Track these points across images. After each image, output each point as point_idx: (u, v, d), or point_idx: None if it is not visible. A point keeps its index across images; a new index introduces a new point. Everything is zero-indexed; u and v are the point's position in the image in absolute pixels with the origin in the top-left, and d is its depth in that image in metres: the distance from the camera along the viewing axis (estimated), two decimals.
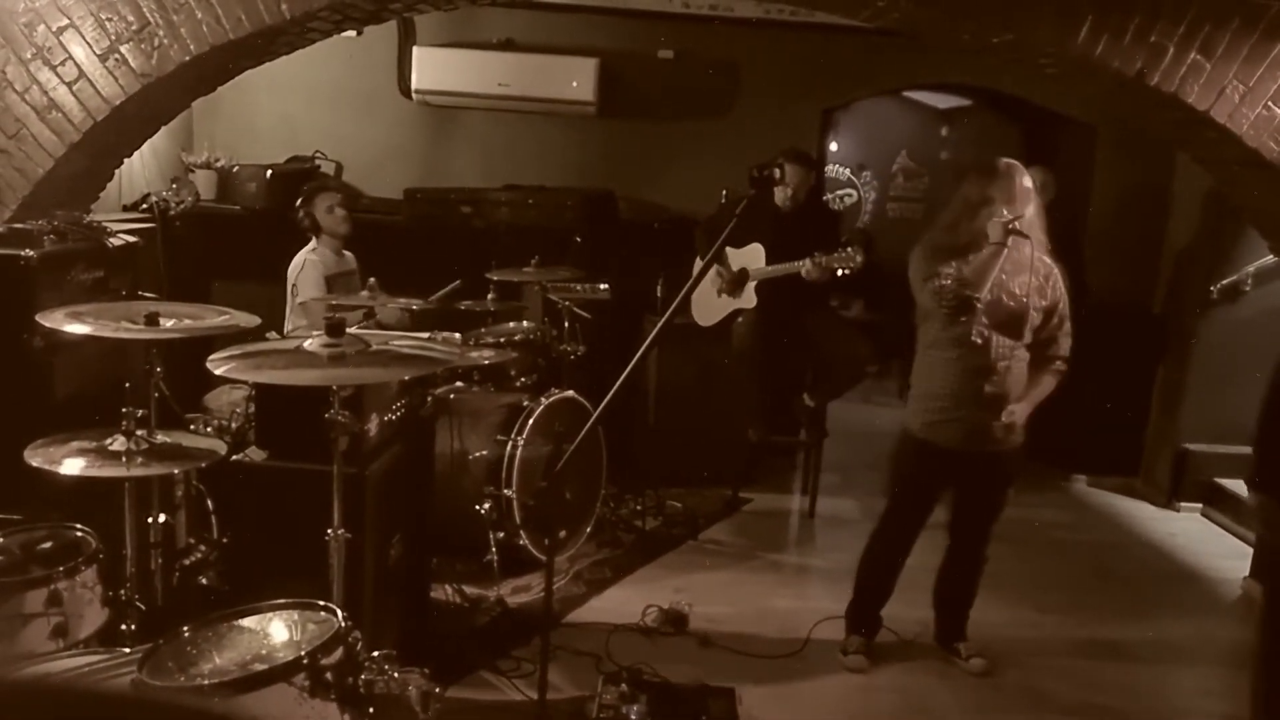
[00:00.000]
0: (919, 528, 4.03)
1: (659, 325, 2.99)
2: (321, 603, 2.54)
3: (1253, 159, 4.08)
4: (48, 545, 2.88)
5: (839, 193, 10.07)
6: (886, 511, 4.12)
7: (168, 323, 3.04)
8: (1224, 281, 5.99)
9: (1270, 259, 5.48)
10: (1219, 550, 5.57)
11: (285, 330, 4.78)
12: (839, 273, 5.06)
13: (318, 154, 6.63)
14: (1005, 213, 3.66)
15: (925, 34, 4.61)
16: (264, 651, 2.37)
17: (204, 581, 3.23)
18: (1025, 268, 3.74)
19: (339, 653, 2.33)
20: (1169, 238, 6.52)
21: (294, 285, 4.88)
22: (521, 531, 4.48)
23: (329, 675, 2.28)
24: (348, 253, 5.10)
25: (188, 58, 3.96)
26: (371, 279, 4.49)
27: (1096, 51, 3.94)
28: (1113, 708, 3.97)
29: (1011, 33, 4.02)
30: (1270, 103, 3.97)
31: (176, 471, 3.16)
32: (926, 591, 4.19)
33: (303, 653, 2.28)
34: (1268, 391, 3.29)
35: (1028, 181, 3.76)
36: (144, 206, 5.67)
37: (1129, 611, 4.72)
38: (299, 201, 4.99)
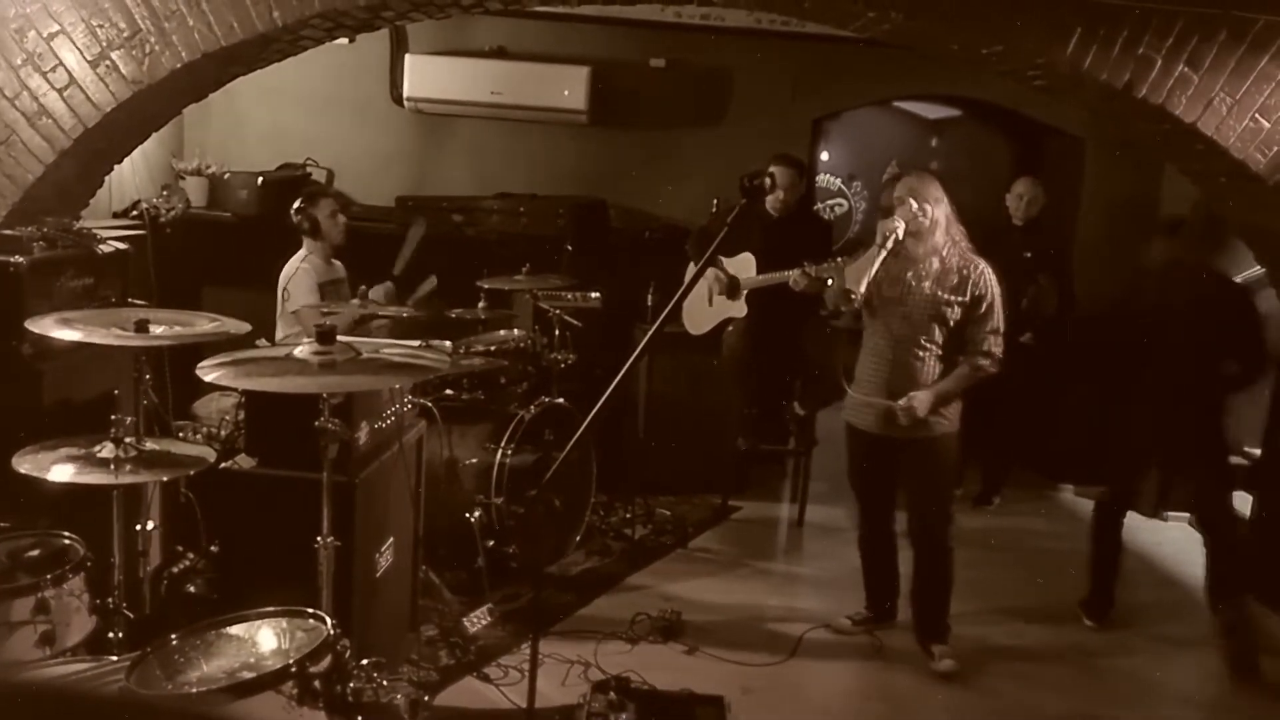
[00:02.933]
0: (878, 512, 4.27)
1: (649, 333, 2.99)
2: (310, 610, 2.54)
3: (1240, 171, 4.11)
4: (35, 553, 2.88)
5: (830, 202, 10.08)
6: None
7: (157, 330, 3.04)
8: None
9: (1256, 270, 5.50)
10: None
11: (276, 337, 4.77)
12: (829, 282, 5.07)
13: (309, 161, 6.63)
14: (892, 221, 3.95)
15: (915, 45, 4.63)
16: (252, 660, 2.37)
17: (192, 589, 3.23)
18: (933, 261, 3.97)
19: (327, 661, 2.33)
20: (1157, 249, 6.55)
21: (285, 290, 4.87)
22: (511, 539, 4.48)
23: (317, 683, 2.28)
24: (336, 261, 5.10)
25: (179, 65, 3.96)
26: (362, 287, 4.49)
27: (1085, 63, 3.96)
28: (1100, 716, 3.98)
29: (1000, 44, 4.04)
30: (1257, 115, 4.00)
31: (165, 479, 3.15)
32: None
33: (291, 661, 2.28)
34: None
35: (921, 186, 4.00)
36: (134, 213, 5.65)
37: (1116, 620, 4.72)
38: (300, 203, 4.97)
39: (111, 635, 2.88)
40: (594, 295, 5.28)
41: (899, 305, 4.03)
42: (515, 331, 5.14)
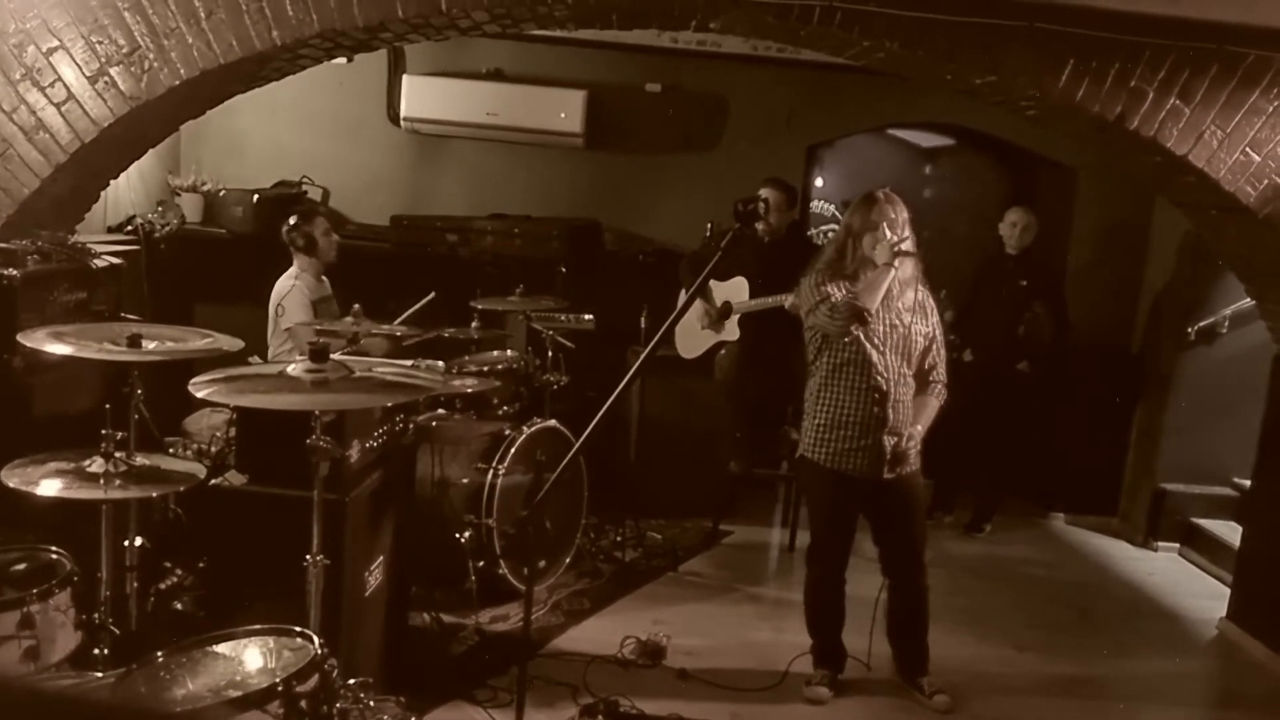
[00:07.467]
0: (846, 555, 4.06)
1: (642, 356, 3.00)
2: (298, 629, 2.53)
3: (1230, 203, 4.15)
4: (21, 567, 2.86)
5: (823, 228, 10.12)
6: (811, 547, 4.15)
7: (150, 345, 3.04)
8: (1201, 323, 6.05)
9: (1247, 302, 5.54)
10: (1195, 590, 5.59)
11: (270, 354, 4.77)
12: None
13: (305, 179, 6.64)
14: (891, 236, 3.82)
15: (910, 74, 4.67)
16: (238, 678, 2.36)
17: (179, 606, 3.21)
18: (910, 293, 3.90)
19: (314, 680, 2.31)
20: (1147, 279, 6.60)
21: (279, 307, 4.86)
22: (501, 560, 4.47)
23: (304, 703, 2.27)
24: (325, 278, 5.11)
25: (177, 82, 3.97)
26: (356, 305, 4.49)
27: (1078, 95, 4.00)
28: None
29: (994, 75, 4.08)
30: (1248, 148, 4.04)
31: (154, 495, 3.14)
32: None
33: (277, 680, 2.27)
34: None
35: (905, 212, 3.91)
36: (129, 228, 5.65)
37: (1105, 650, 4.72)
38: (294, 220, 4.98)
39: (97, 651, 2.86)
40: (587, 317, 5.29)
41: (891, 335, 3.87)
42: (508, 352, 5.14)
